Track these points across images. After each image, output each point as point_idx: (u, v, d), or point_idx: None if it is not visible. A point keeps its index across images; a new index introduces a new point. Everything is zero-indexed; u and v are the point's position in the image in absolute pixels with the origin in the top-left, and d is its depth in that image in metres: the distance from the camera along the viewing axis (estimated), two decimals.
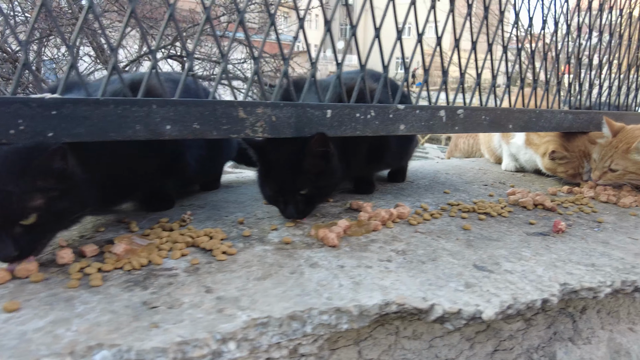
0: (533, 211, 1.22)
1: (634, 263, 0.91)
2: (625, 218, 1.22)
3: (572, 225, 1.13)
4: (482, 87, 1.27)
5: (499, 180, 1.60)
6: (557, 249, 0.95)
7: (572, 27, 1.53)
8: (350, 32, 1.08)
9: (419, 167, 1.77)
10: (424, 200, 1.27)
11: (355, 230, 0.96)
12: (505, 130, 1.28)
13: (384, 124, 1.06)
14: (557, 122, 1.40)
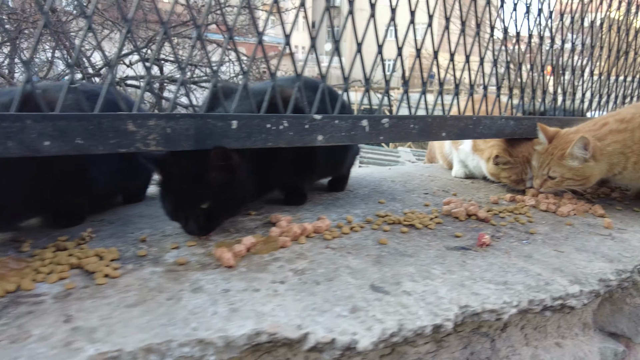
0: (465, 222, 1.18)
1: (549, 279, 0.86)
2: (560, 228, 1.18)
3: (501, 237, 1.08)
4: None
5: (444, 188, 1.56)
6: (474, 265, 0.90)
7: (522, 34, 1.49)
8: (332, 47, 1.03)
9: (366, 175, 1.72)
10: (354, 211, 1.22)
11: (260, 248, 0.91)
12: (438, 138, 1.23)
13: (300, 135, 1.01)
14: (498, 129, 1.35)
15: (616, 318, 1.20)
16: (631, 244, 1.10)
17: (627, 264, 0.98)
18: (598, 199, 1.52)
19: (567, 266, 0.93)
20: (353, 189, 1.48)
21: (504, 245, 1.03)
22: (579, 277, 0.88)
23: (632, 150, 1.27)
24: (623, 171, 1.30)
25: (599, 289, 0.86)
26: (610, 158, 1.29)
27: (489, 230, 1.13)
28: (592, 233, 1.16)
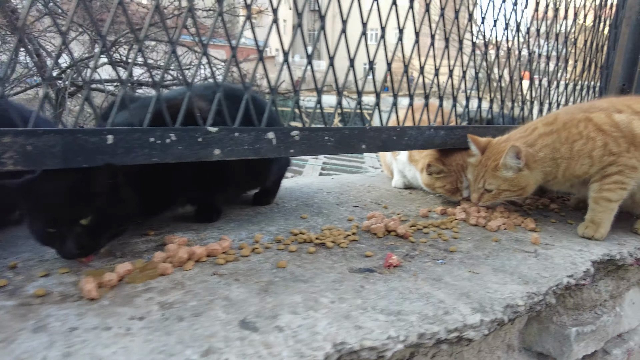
0: (382, 239, 1.10)
1: (450, 307, 0.79)
2: (484, 245, 1.11)
3: (416, 256, 1.01)
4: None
5: (378, 200, 1.48)
6: (371, 291, 0.83)
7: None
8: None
9: (304, 185, 1.64)
10: (269, 228, 1.14)
11: (135, 277, 0.81)
12: (358, 151, 1.16)
13: (192, 149, 0.92)
14: (426, 140, 1.28)
15: (543, 337, 1.14)
16: (554, 262, 1.04)
17: (542, 285, 0.91)
18: (536, 211, 1.47)
19: (476, 290, 0.86)
20: (281, 202, 1.39)
21: (415, 266, 0.95)
22: (484, 304, 0.81)
23: (561, 155, 1.22)
24: (555, 178, 1.24)
25: (503, 317, 0.79)
26: (543, 164, 1.23)
27: (405, 248, 1.06)
28: (517, 250, 1.09)
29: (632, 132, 1.18)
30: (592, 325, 1.14)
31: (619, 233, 1.29)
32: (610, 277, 1.24)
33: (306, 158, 3.75)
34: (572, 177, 1.24)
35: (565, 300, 1.16)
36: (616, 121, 1.20)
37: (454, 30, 1.39)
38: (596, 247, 1.16)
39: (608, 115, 1.22)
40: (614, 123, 1.20)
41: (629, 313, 1.36)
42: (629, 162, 1.17)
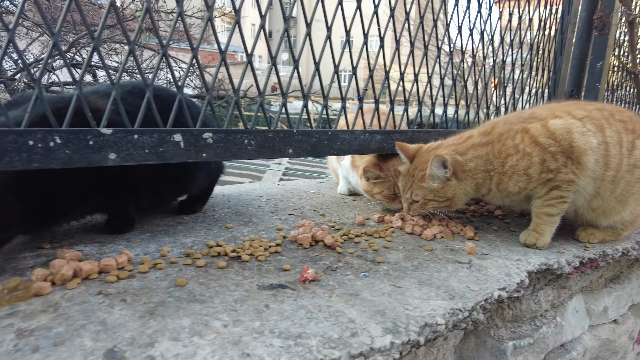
0: (308, 250, 1.02)
1: (360, 328, 0.71)
2: (415, 255, 1.04)
3: (338, 269, 0.93)
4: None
5: (317, 208, 1.40)
6: (275, 310, 0.74)
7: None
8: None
9: (245, 192, 1.54)
10: (184, 240, 1.04)
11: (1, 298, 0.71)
12: (285, 155, 1.07)
13: (82, 154, 0.82)
14: (361, 144, 1.21)
15: (480, 353, 1.07)
16: (487, 273, 0.98)
17: (469, 300, 0.84)
18: (479, 218, 1.41)
19: (394, 307, 0.78)
20: (210, 211, 1.30)
21: (334, 280, 0.87)
22: (398, 324, 0.73)
23: (494, 168, 1.15)
24: (489, 192, 1.18)
25: (419, 339, 0.72)
26: (474, 176, 1.16)
27: (330, 259, 0.98)
28: (450, 260, 1.03)
29: (570, 145, 1.11)
30: (529, 338, 1.09)
31: (561, 241, 1.24)
32: (550, 286, 1.19)
33: (267, 163, 3.65)
34: (507, 193, 1.16)
35: (504, 313, 1.10)
36: (552, 130, 1.12)
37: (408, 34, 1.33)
38: (534, 256, 1.11)
39: (544, 124, 1.14)
40: (551, 133, 1.12)
41: (572, 322, 1.32)
42: (565, 177, 1.12)
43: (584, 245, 1.23)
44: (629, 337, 1.61)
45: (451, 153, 1.13)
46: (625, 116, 1.23)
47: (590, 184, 1.15)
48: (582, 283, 1.36)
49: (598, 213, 1.22)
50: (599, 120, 1.18)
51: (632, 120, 1.23)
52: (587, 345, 1.36)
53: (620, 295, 1.50)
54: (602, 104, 1.29)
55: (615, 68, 2.27)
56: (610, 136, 1.15)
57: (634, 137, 1.19)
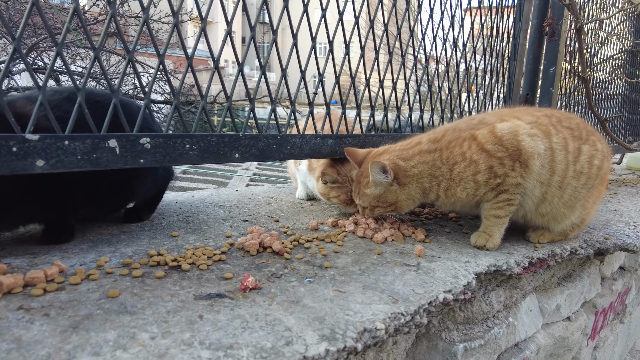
0: (255, 257, 1.00)
1: (296, 335, 0.69)
2: (364, 259, 1.03)
3: (283, 275, 0.91)
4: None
5: (273, 213, 1.38)
6: (209, 321, 0.71)
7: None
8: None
9: (200, 199, 1.51)
10: (125, 249, 1.00)
11: None
12: (231, 160, 1.05)
13: (4, 161, 0.76)
14: (312, 148, 1.20)
15: (432, 356, 1.07)
16: (434, 276, 0.97)
17: (412, 304, 0.84)
18: (434, 220, 1.42)
19: (335, 313, 0.77)
20: (159, 219, 1.25)
21: (277, 287, 0.85)
22: (336, 330, 0.72)
23: (442, 174, 1.15)
24: (438, 198, 1.18)
25: (356, 345, 0.70)
26: (420, 181, 1.16)
27: (276, 266, 0.95)
28: (398, 263, 1.02)
29: (517, 148, 1.12)
30: (480, 339, 1.09)
31: (512, 242, 1.26)
32: (502, 287, 1.20)
33: (235, 169, 3.60)
34: (455, 199, 1.17)
35: (455, 315, 1.10)
36: (499, 136, 1.13)
37: (373, 41, 1.33)
38: (484, 257, 1.11)
39: (491, 130, 1.15)
40: (498, 139, 1.13)
41: (525, 321, 1.33)
42: (514, 181, 1.13)
43: (533, 246, 1.24)
44: (582, 333, 1.65)
45: (393, 159, 1.13)
46: (573, 123, 1.25)
47: (537, 187, 1.16)
48: (535, 283, 1.38)
49: (548, 218, 1.24)
50: (546, 126, 1.19)
51: (579, 127, 1.25)
52: (541, 344, 1.38)
53: (572, 293, 1.53)
54: (551, 111, 1.31)
55: (569, 74, 2.34)
56: (557, 142, 1.17)
57: (580, 143, 1.21)
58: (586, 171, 1.20)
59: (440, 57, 1.62)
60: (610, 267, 1.88)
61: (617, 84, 3.13)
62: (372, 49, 1.46)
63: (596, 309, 1.75)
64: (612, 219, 1.72)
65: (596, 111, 2.20)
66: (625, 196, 2.31)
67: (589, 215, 1.31)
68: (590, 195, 1.24)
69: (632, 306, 2.31)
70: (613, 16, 2.28)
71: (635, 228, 1.61)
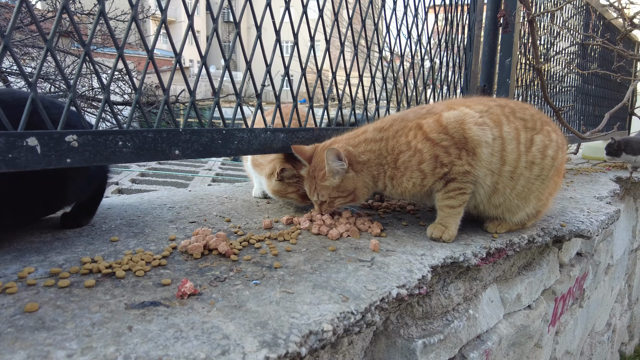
0: (199, 260, 0.93)
1: (234, 343, 0.63)
2: (317, 256, 0.99)
3: (228, 278, 0.85)
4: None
5: (226, 213, 1.32)
6: (139, 332, 0.65)
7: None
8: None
9: (148, 201, 1.42)
10: (56, 258, 0.91)
11: None
12: (170, 157, 0.98)
13: None
14: (262, 143, 1.15)
15: (391, 354, 1.04)
16: (388, 271, 0.94)
17: (364, 301, 0.79)
18: (391, 213, 1.39)
19: (279, 317, 0.72)
20: (101, 223, 1.17)
21: (220, 292, 0.79)
22: (279, 335, 0.66)
23: (387, 162, 1.13)
24: (385, 187, 1.16)
25: (299, 350, 0.65)
26: (369, 168, 1.14)
27: (221, 269, 0.89)
28: (352, 259, 0.98)
29: (463, 136, 1.11)
30: (440, 334, 1.07)
31: (470, 233, 1.24)
32: (461, 279, 1.19)
33: (196, 169, 3.49)
34: (403, 188, 1.14)
35: (414, 310, 1.07)
36: (444, 125, 1.11)
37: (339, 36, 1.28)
38: (440, 250, 1.09)
39: (437, 119, 1.13)
40: (443, 128, 1.11)
41: (487, 312, 1.32)
42: (461, 169, 1.11)
43: (491, 236, 1.23)
44: (543, 320, 1.67)
45: (343, 146, 1.10)
46: (527, 114, 1.24)
47: (488, 176, 1.15)
48: (495, 273, 1.37)
49: (502, 210, 1.22)
50: (498, 116, 1.18)
51: (534, 118, 1.24)
52: (503, 334, 1.37)
53: (532, 281, 1.54)
54: (505, 101, 1.30)
55: (524, 65, 2.37)
56: (508, 132, 1.16)
57: (534, 134, 1.20)
58: (539, 162, 1.19)
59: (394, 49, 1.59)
60: (568, 253, 1.91)
61: (572, 76, 3.22)
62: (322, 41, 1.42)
63: (556, 296, 1.77)
64: (568, 207, 1.75)
65: (551, 101, 2.24)
66: (580, 184, 2.36)
67: (546, 206, 1.31)
68: (545, 187, 1.23)
69: (590, 290, 2.37)
70: (562, 8, 2.32)
71: (589, 214, 1.64)
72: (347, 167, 1.10)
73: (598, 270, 2.44)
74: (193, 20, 1.04)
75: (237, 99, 1.14)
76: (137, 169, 3.10)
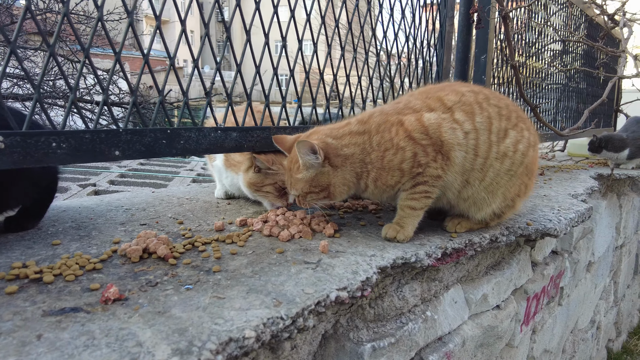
0: (137, 264, 0.91)
1: (146, 351, 0.61)
2: (262, 259, 0.96)
3: (160, 283, 0.82)
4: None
5: (181, 215, 1.29)
6: (48, 341, 0.62)
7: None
8: None
9: (107, 202, 1.39)
10: None
11: None
12: (111, 158, 0.95)
13: None
14: (212, 142, 1.12)
15: (340, 358, 1.02)
16: (333, 272, 0.91)
17: (297, 305, 0.77)
18: (353, 213, 1.37)
19: (202, 323, 0.69)
20: (48, 226, 1.14)
21: (147, 297, 0.77)
22: (195, 342, 0.64)
23: (371, 161, 1.10)
24: (367, 188, 1.12)
25: (215, 358, 0.63)
26: (353, 164, 1.10)
27: (157, 273, 0.87)
28: (298, 262, 0.96)
29: (440, 139, 1.09)
30: (391, 337, 1.04)
31: (428, 232, 1.22)
32: (417, 280, 1.16)
33: (177, 170, 3.45)
34: (386, 187, 1.12)
35: (365, 313, 1.05)
36: (426, 125, 1.10)
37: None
38: (392, 250, 1.06)
39: (418, 118, 1.11)
40: (424, 128, 1.09)
41: (450, 314, 1.30)
42: (434, 172, 1.09)
43: (450, 236, 1.21)
44: (514, 320, 1.64)
45: (322, 137, 1.07)
46: (502, 103, 1.21)
47: (458, 179, 1.13)
48: (458, 273, 1.35)
49: (470, 203, 1.20)
50: (471, 105, 1.15)
51: (509, 108, 1.21)
52: (467, 335, 1.35)
53: (500, 281, 1.52)
54: (479, 87, 1.26)
55: (501, 62, 2.35)
56: (480, 122, 1.13)
57: (508, 125, 1.17)
58: (511, 154, 1.16)
59: (370, 47, 1.57)
60: (542, 252, 1.89)
61: (557, 73, 3.20)
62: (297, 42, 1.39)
63: (528, 295, 1.75)
64: (540, 204, 1.72)
65: (527, 98, 2.22)
66: (558, 181, 2.34)
67: (512, 209, 1.27)
68: (513, 184, 1.20)
69: (569, 288, 2.35)
70: (533, 3, 2.30)
71: (559, 212, 1.62)
72: (322, 161, 1.07)
73: (578, 268, 2.42)
74: (186, 26, 1.05)
75: (228, 99, 1.15)
76: (117, 170, 3.07)
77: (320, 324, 0.96)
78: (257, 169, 1.27)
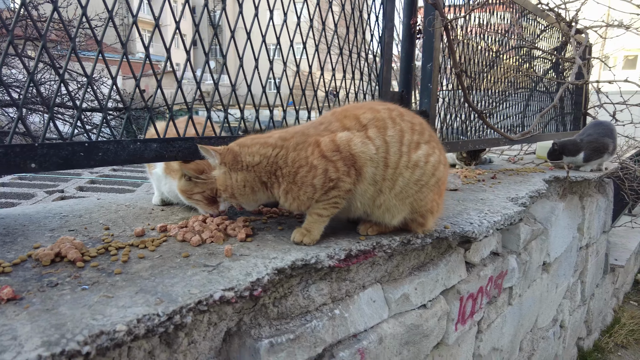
0: (49, 267, 0.98)
1: (16, 343, 0.69)
2: (165, 263, 1.04)
3: (61, 284, 0.91)
4: None
5: (111, 221, 1.37)
6: None
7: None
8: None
9: (47, 210, 1.47)
10: None
11: None
12: (27, 170, 1.03)
13: None
14: (132, 154, 1.21)
15: (242, 354, 1.10)
16: (227, 275, 1.00)
17: (176, 304, 0.86)
18: (276, 218, 1.46)
19: (82, 319, 0.78)
20: None
21: (42, 297, 0.85)
22: (67, 335, 0.72)
23: (283, 174, 1.19)
24: (280, 199, 1.22)
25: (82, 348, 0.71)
26: (257, 172, 1.19)
27: (62, 275, 0.96)
28: (197, 265, 1.04)
29: (350, 152, 1.17)
30: (291, 333, 1.12)
31: (341, 236, 1.31)
32: (325, 280, 1.25)
33: (147, 175, 3.55)
34: (299, 201, 1.20)
35: (268, 311, 1.13)
36: (337, 143, 1.18)
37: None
38: (295, 253, 1.15)
39: (332, 138, 1.20)
40: (336, 146, 1.18)
41: (367, 312, 1.38)
42: (346, 186, 1.18)
43: (358, 238, 1.30)
44: (445, 319, 1.73)
45: (232, 144, 1.21)
46: (417, 120, 1.31)
47: (370, 189, 1.22)
48: (376, 274, 1.43)
49: (383, 210, 1.28)
50: (384, 121, 1.24)
51: (423, 126, 1.31)
52: (386, 333, 1.43)
53: (424, 281, 1.60)
54: (395, 106, 1.36)
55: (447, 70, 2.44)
56: (392, 135, 1.22)
57: (420, 139, 1.27)
58: (422, 165, 1.24)
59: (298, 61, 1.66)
60: (479, 253, 1.97)
61: (520, 78, 3.30)
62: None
63: (461, 295, 1.83)
64: (469, 207, 1.81)
65: (472, 103, 2.31)
66: (507, 185, 2.43)
67: (427, 222, 1.36)
68: (423, 196, 1.27)
69: (520, 288, 2.43)
70: (472, 12, 2.39)
71: (485, 216, 1.71)
72: (220, 163, 1.19)
73: (528, 269, 2.50)
74: (179, 25, 1.16)
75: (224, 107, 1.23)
76: (88, 176, 3.16)
77: (221, 321, 1.04)
78: (187, 177, 1.36)
